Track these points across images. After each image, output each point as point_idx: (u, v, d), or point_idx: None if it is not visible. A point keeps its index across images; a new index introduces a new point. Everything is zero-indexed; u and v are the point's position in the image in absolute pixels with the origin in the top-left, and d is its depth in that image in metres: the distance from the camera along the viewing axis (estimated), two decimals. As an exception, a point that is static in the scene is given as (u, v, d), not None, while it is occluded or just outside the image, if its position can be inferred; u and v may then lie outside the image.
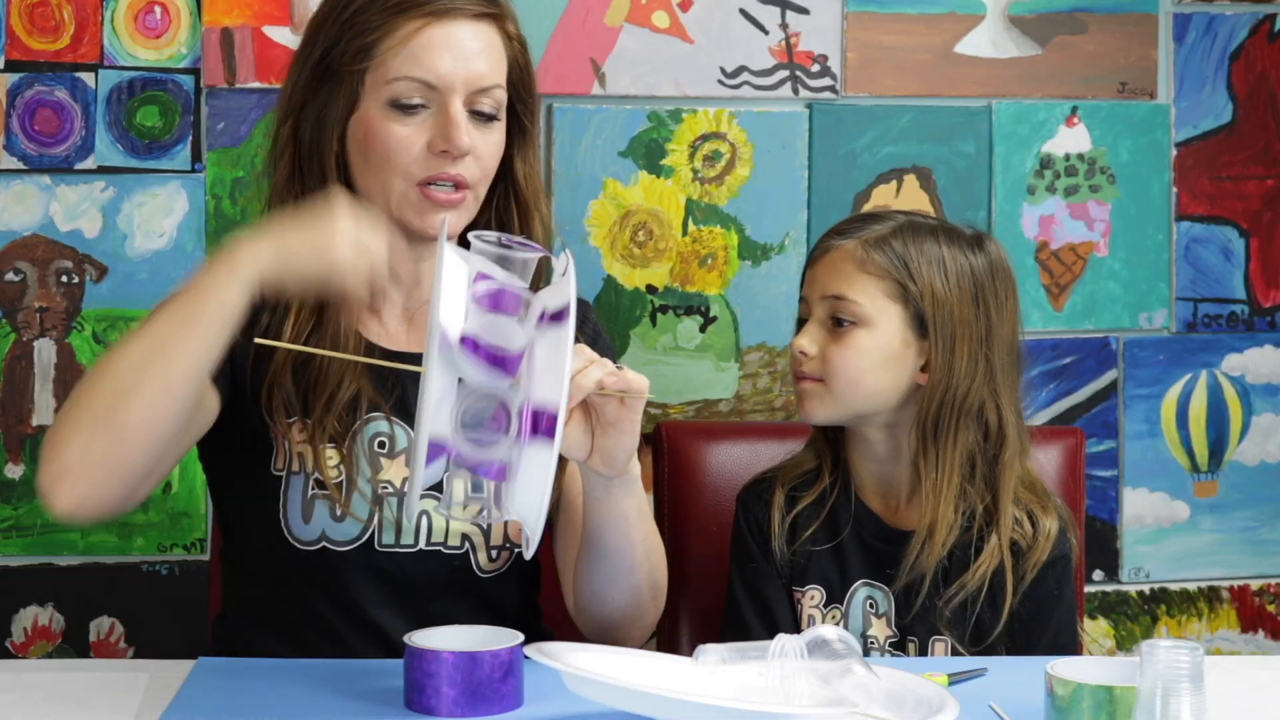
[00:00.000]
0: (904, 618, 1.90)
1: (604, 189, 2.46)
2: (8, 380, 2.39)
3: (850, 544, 1.94)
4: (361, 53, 1.80)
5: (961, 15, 2.52)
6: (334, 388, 1.81)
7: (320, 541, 1.80)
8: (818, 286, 1.94)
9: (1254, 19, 2.59)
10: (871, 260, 1.91)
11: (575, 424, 1.62)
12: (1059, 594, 1.91)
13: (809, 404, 1.94)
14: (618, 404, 1.62)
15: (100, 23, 2.37)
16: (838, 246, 1.93)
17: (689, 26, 2.47)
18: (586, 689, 1.51)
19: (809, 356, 1.92)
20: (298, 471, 1.80)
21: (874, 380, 1.91)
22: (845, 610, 1.92)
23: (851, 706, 1.47)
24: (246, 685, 1.65)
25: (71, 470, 1.56)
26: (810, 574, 1.94)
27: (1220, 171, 2.60)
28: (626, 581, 1.80)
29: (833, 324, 1.92)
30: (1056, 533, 1.91)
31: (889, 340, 1.91)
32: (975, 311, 1.92)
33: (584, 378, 1.59)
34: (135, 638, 2.43)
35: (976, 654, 1.88)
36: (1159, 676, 1.34)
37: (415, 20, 1.79)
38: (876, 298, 1.91)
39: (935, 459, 1.91)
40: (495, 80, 1.82)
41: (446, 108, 1.79)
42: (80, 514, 1.59)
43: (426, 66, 1.79)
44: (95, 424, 1.56)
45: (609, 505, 1.74)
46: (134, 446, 1.57)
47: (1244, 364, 2.63)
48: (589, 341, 1.93)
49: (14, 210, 2.37)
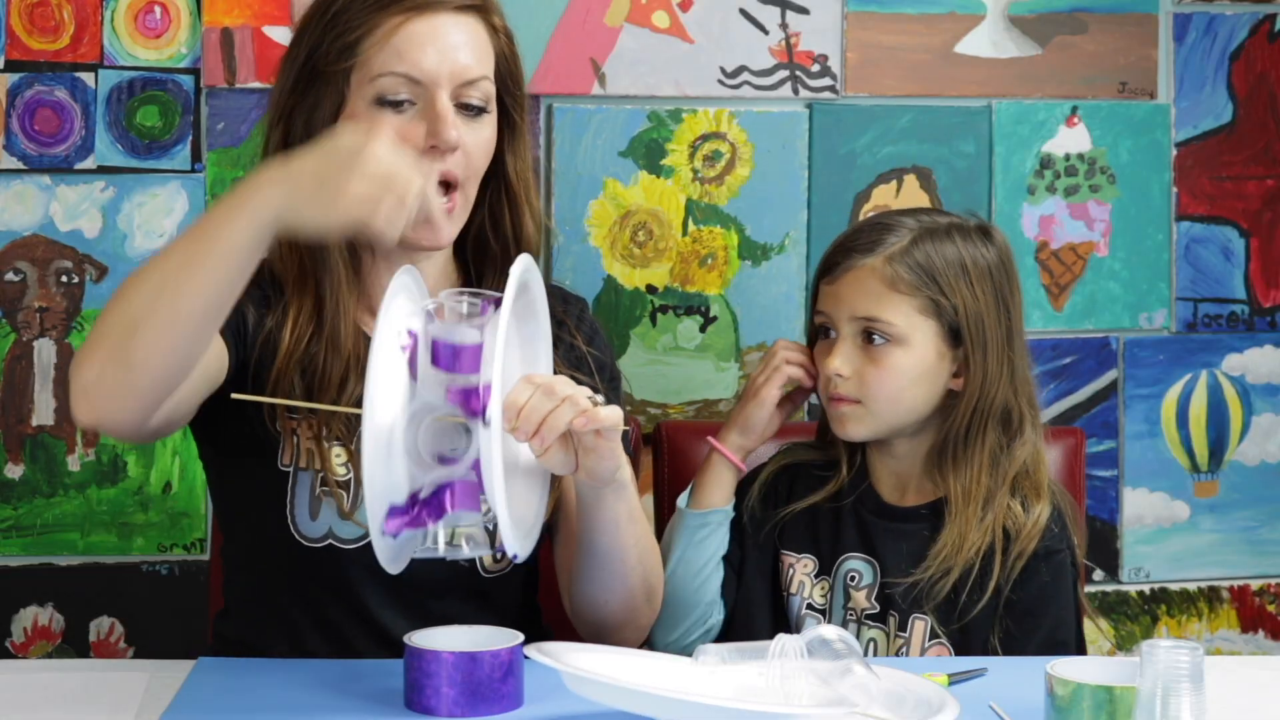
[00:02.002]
0: (888, 592, 1.92)
1: (604, 189, 2.46)
2: (8, 380, 2.39)
3: (847, 518, 1.97)
4: (345, 51, 1.79)
5: (961, 15, 2.52)
6: (337, 389, 1.81)
7: (327, 539, 1.80)
8: (844, 307, 1.93)
9: (1254, 19, 2.59)
10: (901, 278, 1.90)
11: (557, 446, 1.61)
12: (1054, 589, 1.91)
13: (849, 425, 1.94)
14: (594, 433, 1.62)
15: (100, 23, 2.37)
16: (861, 265, 1.92)
17: (689, 26, 2.47)
18: (586, 689, 1.51)
19: (845, 378, 1.92)
20: (305, 468, 1.80)
21: (912, 396, 1.92)
22: (831, 583, 1.95)
23: (851, 706, 1.47)
24: (246, 685, 1.65)
25: (89, 392, 1.58)
26: (804, 541, 1.98)
27: (1220, 171, 2.60)
28: (620, 584, 1.80)
29: (864, 341, 1.92)
30: (1046, 521, 1.91)
31: (925, 356, 1.91)
32: (999, 314, 1.93)
33: (555, 418, 1.57)
34: (135, 638, 2.43)
35: (954, 635, 1.89)
36: (1159, 676, 1.34)
37: (397, 15, 1.78)
38: (910, 315, 1.91)
39: (965, 463, 1.92)
40: (481, 72, 1.81)
41: (433, 102, 1.78)
42: (101, 429, 1.64)
43: (410, 61, 1.77)
44: (109, 352, 1.57)
45: (600, 510, 1.74)
46: (144, 375, 1.58)
47: (1244, 364, 2.63)
48: (585, 342, 1.93)
49: (14, 210, 2.37)
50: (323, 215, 1.53)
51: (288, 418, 1.81)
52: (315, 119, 1.81)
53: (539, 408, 1.56)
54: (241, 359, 1.81)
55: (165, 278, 1.56)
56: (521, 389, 1.56)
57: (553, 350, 1.86)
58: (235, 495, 1.89)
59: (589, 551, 1.79)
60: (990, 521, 1.90)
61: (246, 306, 1.80)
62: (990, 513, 1.90)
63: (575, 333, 1.93)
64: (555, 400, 1.57)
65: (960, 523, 1.89)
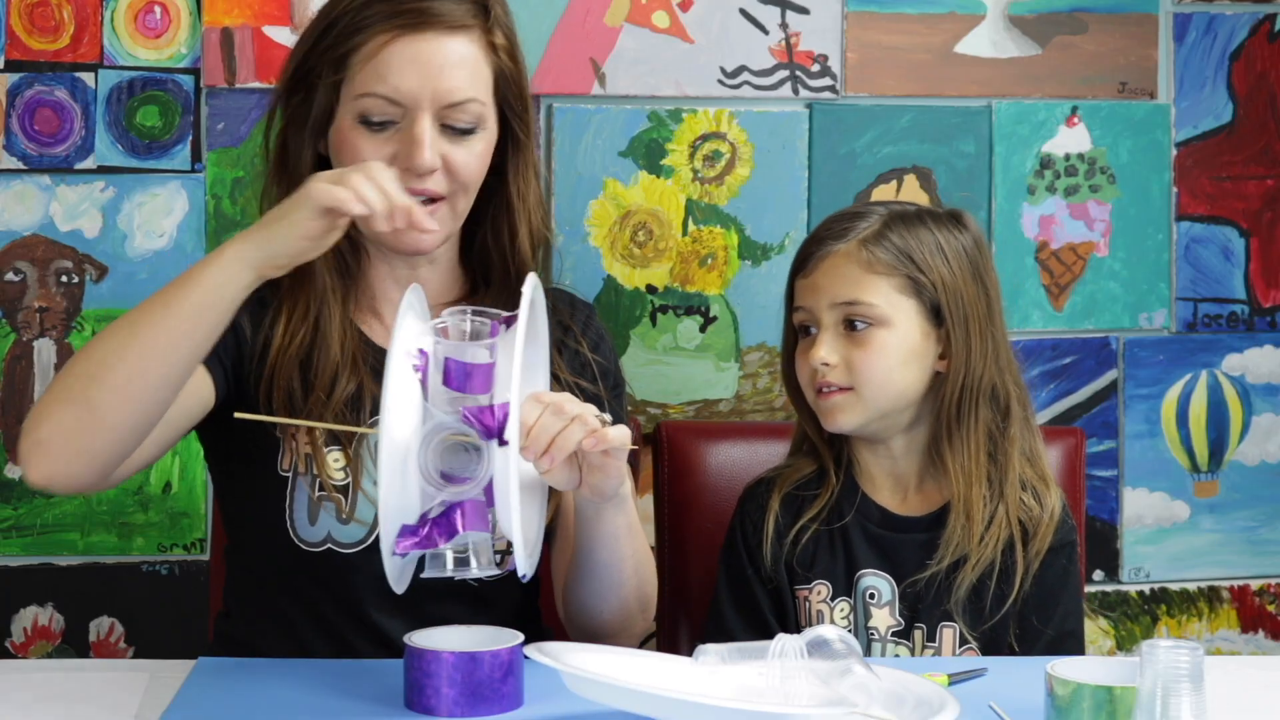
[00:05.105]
0: (911, 604, 1.90)
1: (604, 189, 2.46)
2: (8, 380, 2.38)
3: (854, 535, 1.93)
4: (336, 64, 1.79)
5: (961, 15, 2.52)
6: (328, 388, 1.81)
7: (326, 543, 1.80)
8: (822, 294, 1.91)
9: (1254, 19, 2.59)
10: (877, 259, 1.90)
11: (563, 463, 1.61)
12: (1065, 578, 1.91)
13: (839, 416, 1.91)
14: (602, 453, 1.62)
15: (100, 23, 2.37)
16: (834, 251, 1.91)
17: (689, 26, 2.47)
18: (586, 689, 1.51)
19: (832, 366, 1.90)
20: (304, 473, 1.80)
21: (902, 378, 1.90)
22: (852, 602, 1.92)
23: (851, 706, 1.47)
24: (246, 685, 1.65)
25: (44, 445, 1.58)
26: (815, 571, 1.93)
27: (1220, 171, 2.60)
28: (615, 595, 1.80)
29: (846, 329, 1.91)
30: (1060, 511, 1.91)
31: (909, 335, 1.90)
32: (977, 290, 1.93)
33: (565, 438, 1.57)
34: (135, 638, 2.43)
35: (983, 637, 1.88)
36: (1159, 676, 1.34)
37: (383, 34, 1.77)
38: (890, 295, 1.90)
39: (962, 444, 1.90)
40: (469, 95, 1.78)
41: (411, 125, 1.77)
42: (53, 488, 1.63)
43: (391, 83, 1.76)
44: (69, 402, 1.58)
45: (599, 524, 1.74)
46: (104, 428, 1.58)
47: (1244, 364, 2.62)
48: (590, 349, 1.93)
49: (14, 210, 2.37)
50: (291, 236, 1.58)
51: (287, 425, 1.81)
52: (307, 128, 1.82)
53: (549, 427, 1.57)
54: (238, 375, 1.81)
55: (135, 329, 1.58)
56: (531, 408, 1.57)
57: (558, 356, 1.86)
58: (237, 499, 1.90)
59: (586, 563, 1.79)
60: (1004, 514, 1.89)
61: (243, 319, 1.80)
62: (1002, 504, 1.89)
63: (581, 339, 1.93)
64: (565, 419, 1.57)
65: (965, 503, 1.88)
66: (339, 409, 1.80)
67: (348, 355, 1.82)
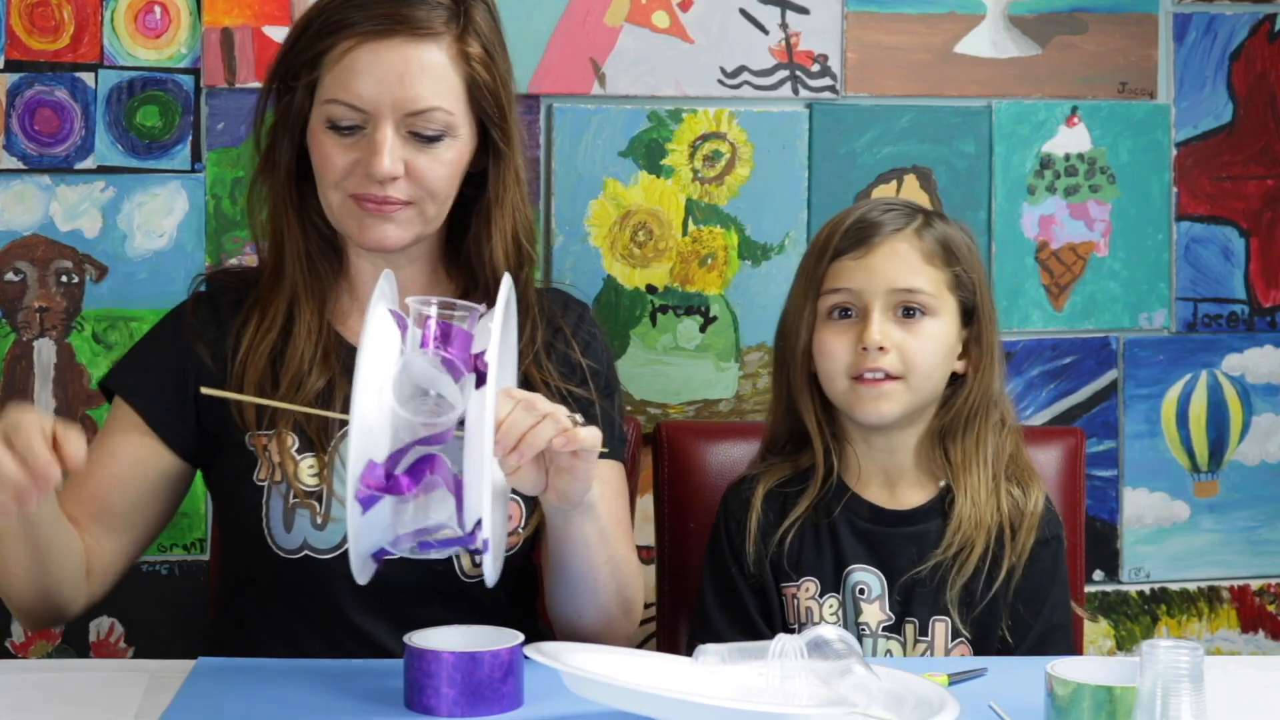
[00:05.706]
0: (905, 598, 1.89)
1: (604, 189, 2.46)
2: (8, 380, 2.38)
3: (842, 531, 1.92)
4: (310, 65, 1.80)
5: (961, 15, 2.52)
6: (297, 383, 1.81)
7: (302, 550, 1.81)
8: (879, 277, 1.88)
9: (1254, 19, 2.59)
10: (934, 251, 1.90)
11: (529, 465, 1.61)
12: (1054, 572, 1.92)
13: (883, 405, 1.87)
14: (571, 454, 1.61)
15: (100, 23, 2.36)
16: (896, 234, 1.90)
17: (689, 26, 2.47)
18: (586, 689, 1.51)
19: (886, 351, 1.86)
20: (279, 481, 1.81)
21: (941, 372, 1.91)
22: (841, 598, 1.91)
23: (851, 706, 1.47)
24: (246, 685, 1.65)
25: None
26: (802, 568, 1.92)
27: (1220, 171, 2.60)
28: (591, 601, 1.80)
29: (900, 315, 1.89)
30: (1044, 504, 1.92)
31: (951, 331, 1.92)
32: (990, 295, 1.95)
33: (535, 435, 1.56)
34: (135, 638, 2.43)
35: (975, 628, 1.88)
36: (1159, 676, 1.34)
37: (350, 39, 1.77)
38: (940, 288, 1.90)
39: (974, 442, 1.91)
40: (433, 103, 1.78)
41: (373, 132, 1.77)
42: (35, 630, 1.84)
43: (354, 90, 1.77)
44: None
45: (568, 532, 1.74)
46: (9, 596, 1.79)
47: (1244, 364, 2.62)
48: (581, 349, 1.92)
49: (14, 210, 2.37)
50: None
51: (257, 436, 1.83)
52: (285, 128, 1.84)
53: (520, 423, 1.56)
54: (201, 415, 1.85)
55: None
56: (503, 402, 1.56)
57: (546, 359, 1.86)
58: (222, 509, 1.94)
59: (561, 570, 1.79)
60: (994, 507, 1.89)
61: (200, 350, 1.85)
62: (995, 495, 1.90)
63: (571, 340, 1.92)
64: (536, 416, 1.56)
65: (971, 493, 1.88)
66: (309, 405, 1.79)
67: (319, 353, 1.83)
